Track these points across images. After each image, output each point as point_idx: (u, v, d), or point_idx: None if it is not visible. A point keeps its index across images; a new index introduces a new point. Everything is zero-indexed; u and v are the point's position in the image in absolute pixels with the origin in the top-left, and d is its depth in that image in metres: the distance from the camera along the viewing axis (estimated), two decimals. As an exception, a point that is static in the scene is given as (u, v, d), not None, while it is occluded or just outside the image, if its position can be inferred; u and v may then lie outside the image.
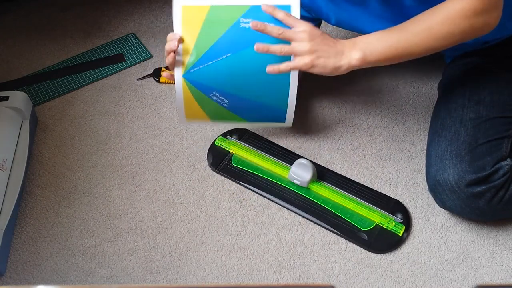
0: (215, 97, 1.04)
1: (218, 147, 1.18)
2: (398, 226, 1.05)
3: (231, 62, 1.00)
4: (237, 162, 1.16)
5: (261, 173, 1.14)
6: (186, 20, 0.99)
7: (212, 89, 1.03)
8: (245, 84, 1.02)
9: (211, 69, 1.00)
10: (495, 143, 1.01)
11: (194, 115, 1.09)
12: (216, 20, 0.98)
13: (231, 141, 1.19)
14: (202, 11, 0.98)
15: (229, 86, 1.02)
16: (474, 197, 0.98)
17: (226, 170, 1.14)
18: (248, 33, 0.97)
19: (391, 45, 0.95)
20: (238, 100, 1.05)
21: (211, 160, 1.16)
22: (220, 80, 1.02)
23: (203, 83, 1.02)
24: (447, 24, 0.92)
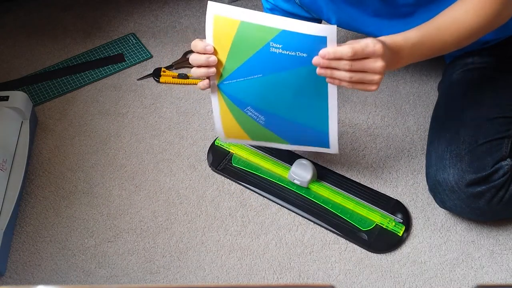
0: (250, 112, 1.01)
1: (218, 147, 1.18)
2: (398, 226, 1.05)
3: (261, 82, 0.96)
4: (237, 162, 1.16)
5: (261, 173, 1.14)
6: (217, 32, 0.94)
7: (246, 104, 1.01)
8: (279, 104, 0.99)
9: (243, 85, 0.97)
10: (495, 143, 1.01)
11: (232, 132, 1.06)
12: (246, 38, 0.93)
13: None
14: (233, 25, 0.92)
15: (262, 103, 0.99)
16: (474, 197, 0.98)
17: (226, 170, 1.14)
18: (279, 58, 0.92)
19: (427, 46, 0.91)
20: (274, 118, 1.01)
21: (211, 160, 1.16)
22: (252, 96, 0.99)
23: (236, 97, 1.00)
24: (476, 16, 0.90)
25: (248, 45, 0.93)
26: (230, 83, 0.98)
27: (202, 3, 1.49)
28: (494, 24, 0.92)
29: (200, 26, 1.44)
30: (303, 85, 0.94)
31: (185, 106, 1.27)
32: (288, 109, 0.99)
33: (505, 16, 0.92)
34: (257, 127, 1.04)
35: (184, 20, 1.46)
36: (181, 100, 1.28)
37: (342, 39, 1.38)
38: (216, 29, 0.93)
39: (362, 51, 0.84)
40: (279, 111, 1.00)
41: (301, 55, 0.89)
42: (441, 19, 0.92)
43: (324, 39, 0.87)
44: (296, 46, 0.89)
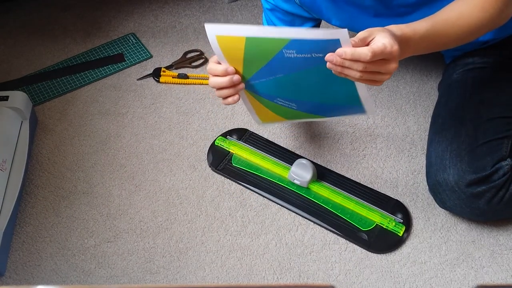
0: (280, 102, 1.00)
1: (218, 147, 1.18)
2: (398, 226, 1.05)
3: (284, 79, 0.94)
4: (237, 162, 1.16)
5: (261, 173, 1.14)
6: (226, 50, 0.92)
7: (274, 97, 0.99)
8: (307, 93, 0.97)
9: (266, 83, 0.96)
10: (495, 143, 1.01)
11: (266, 117, 1.06)
12: (257, 51, 0.90)
13: (231, 141, 1.19)
14: (239, 41, 0.90)
15: (290, 95, 0.98)
16: (474, 197, 0.98)
17: (226, 170, 1.14)
18: (296, 61, 0.89)
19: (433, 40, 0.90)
20: (305, 104, 0.99)
21: (211, 160, 1.16)
22: (279, 91, 0.97)
23: (263, 92, 0.98)
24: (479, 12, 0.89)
25: (261, 55, 0.91)
26: (254, 84, 0.97)
27: (202, 3, 1.49)
28: (497, 22, 0.92)
29: (200, 26, 1.44)
30: (326, 76, 0.90)
31: (185, 106, 1.27)
32: (316, 95, 0.97)
33: (507, 14, 0.92)
34: (290, 111, 1.02)
35: (184, 20, 1.46)
36: (181, 100, 1.28)
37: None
38: (224, 47, 0.92)
39: (381, 53, 0.81)
40: (309, 98, 0.98)
41: (318, 55, 0.87)
42: (447, 13, 0.91)
43: (337, 42, 0.84)
44: (310, 49, 0.87)
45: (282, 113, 1.04)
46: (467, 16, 0.90)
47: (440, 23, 0.90)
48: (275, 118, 1.06)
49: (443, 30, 0.90)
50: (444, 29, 0.90)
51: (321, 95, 0.97)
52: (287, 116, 1.05)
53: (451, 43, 0.92)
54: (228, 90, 0.95)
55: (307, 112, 1.02)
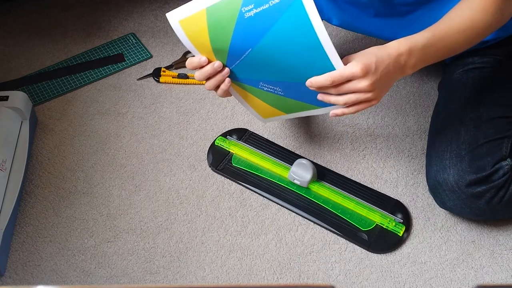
0: (265, 87, 1.00)
1: (218, 147, 1.18)
2: (398, 226, 1.05)
3: (255, 55, 0.94)
4: (237, 162, 1.16)
5: (261, 173, 1.14)
6: (192, 35, 0.94)
7: (257, 80, 0.99)
8: (282, 69, 0.96)
9: (242, 66, 0.96)
10: (495, 143, 1.01)
11: (265, 111, 1.06)
12: (219, 20, 0.92)
13: (231, 141, 1.19)
14: (201, 17, 0.92)
15: (269, 74, 0.98)
16: (474, 197, 0.98)
17: (226, 170, 1.14)
18: (257, 20, 0.90)
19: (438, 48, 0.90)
20: (288, 85, 0.98)
21: (211, 160, 1.16)
22: (257, 71, 0.97)
23: (245, 78, 0.99)
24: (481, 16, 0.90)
25: (224, 25, 0.91)
26: (232, 70, 0.97)
27: (202, 3, 1.49)
28: (500, 21, 0.92)
29: (200, 26, 1.44)
30: (290, 38, 0.90)
31: (185, 106, 1.27)
32: (291, 71, 0.96)
33: (509, 13, 0.92)
34: (280, 100, 1.02)
35: (184, 20, 1.46)
36: (181, 100, 1.28)
37: (343, 39, 1.38)
38: (189, 33, 0.93)
39: (340, 76, 0.86)
40: (287, 77, 0.97)
41: (274, 2, 0.87)
42: (450, 19, 0.91)
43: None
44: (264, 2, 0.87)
45: (275, 104, 1.03)
46: (470, 20, 0.90)
47: (444, 30, 0.90)
48: (273, 112, 1.06)
49: (447, 36, 0.90)
50: (448, 35, 0.90)
51: (295, 68, 0.95)
52: (283, 108, 1.04)
53: (460, 48, 0.92)
54: (215, 78, 0.95)
55: (296, 99, 1.01)
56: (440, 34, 0.89)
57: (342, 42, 1.37)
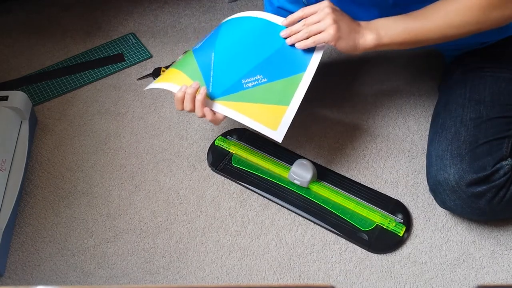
0: (251, 83, 1.01)
1: (218, 147, 1.18)
2: (399, 227, 1.05)
3: (220, 55, 1.01)
4: (237, 162, 1.15)
5: (261, 173, 1.14)
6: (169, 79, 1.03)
7: (239, 82, 1.01)
8: (249, 52, 1.02)
9: (217, 75, 1.00)
10: (495, 143, 1.01)
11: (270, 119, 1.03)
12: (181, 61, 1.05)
13: (231, 141, 1.18)
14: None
15: (243, 66, 1.01)
16: (475, 197, 0.98)
17: (226, 170, 1.14)
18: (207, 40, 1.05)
19: (405, 28, 0.95)
20: (265, 66, 1.02)
21: (211, 160, 1.16)
22: (233, 71, 1.01)
23: (228, 85, 1.01)
24: (463, 13, 0.92)
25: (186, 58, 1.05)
26: (213, 85, 1.01)
27: (202, 3, 1.49)
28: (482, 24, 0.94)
29: (200, 25, 1.44)
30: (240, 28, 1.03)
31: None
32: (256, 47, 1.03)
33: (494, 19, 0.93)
34: (270, 90, 1.01)
35: (184, 20, 1.46)
36: (181, 100, 1.28)
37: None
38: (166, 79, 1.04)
39: (309, 8, 0.96)
40: (256, 56, 1.02)
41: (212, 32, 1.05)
42: (428, 8, 0.95)
43: None
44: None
45: (269, 97, 1.02)
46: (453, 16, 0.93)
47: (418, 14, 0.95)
48: (275, 112, 1.02)
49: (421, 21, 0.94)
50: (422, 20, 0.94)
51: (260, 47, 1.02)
52: (278, 98, 1.02)
53: (433, 36, 0.95)
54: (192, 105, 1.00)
55: (280, 78, 1.02)
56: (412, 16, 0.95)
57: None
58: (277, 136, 1.00)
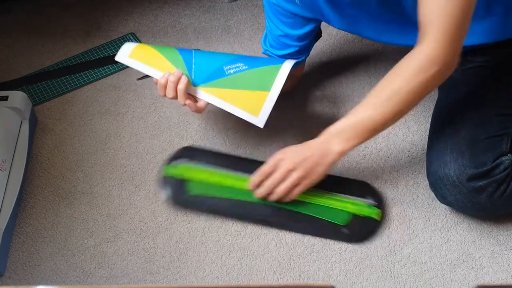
0: (232, 70, 1.03)
1: (169, 178, 1.08)
2: (373, 210, 1.05)
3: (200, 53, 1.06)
4: (195, 188, 1.06)
5: (224, 193, 1.05)
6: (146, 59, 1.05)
7: (221, 68, 1.04)
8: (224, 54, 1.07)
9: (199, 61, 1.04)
10: (495, 140, 1.01)
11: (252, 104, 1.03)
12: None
13: (181, 166, 1.09)
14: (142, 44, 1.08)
15: (223, 56, 1.05)
16: (476, 192, 0.98)
17: (187, 203, 1.06)
18: None
19: (363, 126, 0.95)
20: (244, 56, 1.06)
21: (166, 196, 1.06)
22: (213, 58, 1.05)
23: (210, 71, 1.03)
24: (407, 85, 0.92)
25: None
26: (195, 71, 1.03)
27: (202, 3, 1.49)
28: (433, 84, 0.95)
29: (200, 25, 1.44)
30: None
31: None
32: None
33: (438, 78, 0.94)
34: (250, 76, 1.03)
35: (184, 20, 1.45)
36: (181, 100, 1.28)
37: (343, 38, 1.38)
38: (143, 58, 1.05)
39: (267, 168, 0.99)
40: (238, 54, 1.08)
41: None
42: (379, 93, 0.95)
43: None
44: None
45: (249, 83, 1.03)
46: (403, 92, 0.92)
47: (368, 105, 0.95)
48: (257, 97, 1.03)
49: (374, 113, 0.94)
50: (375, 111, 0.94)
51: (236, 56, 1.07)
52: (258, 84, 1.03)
53: (393, 119, 0.96)
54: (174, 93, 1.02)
55: (259, 65, 1.05)
56: (364, 114, 0.95)
57: (342, 42, 1.37)
58: (259, 122, 1.02)
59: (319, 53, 1.35)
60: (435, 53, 0.89)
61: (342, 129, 0.96)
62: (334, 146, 0.96)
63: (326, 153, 0.97)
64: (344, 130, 0.96)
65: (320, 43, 1.34)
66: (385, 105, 0.93)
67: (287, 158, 0.98)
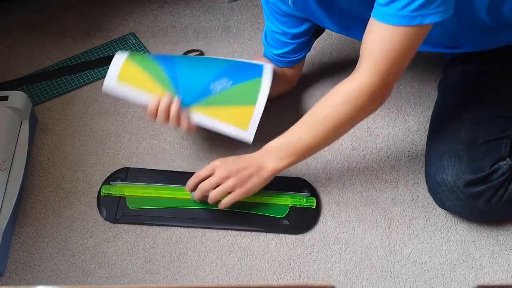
0: (219, 87, 1.05)
1: (106, 197, 1.09)
2: (309, 200, 1.07)
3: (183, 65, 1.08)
4: (133, 203, 1.08)
5: (162, 204, 1.08)
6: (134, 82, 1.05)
7: (207, 86, 1.05)
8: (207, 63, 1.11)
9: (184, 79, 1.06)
10: (494, 143, 1.01)
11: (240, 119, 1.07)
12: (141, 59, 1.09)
13: (118, 186, 1.10)
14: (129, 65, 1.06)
15: (208, 70, 1.07)
16: (473, 197, 0.98)
17: (126, 217, 1.07)
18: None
19: (295, 147, 0.98)
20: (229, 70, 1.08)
21: (105, 213, 1.07)
22: (199, 77, 1.06)
23: (197, 91, 1.05)
24: (336, 112, 0.95)
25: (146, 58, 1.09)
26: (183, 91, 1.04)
27: (202, 3, 1.49)
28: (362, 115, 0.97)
29: (200, 25, 1.44)
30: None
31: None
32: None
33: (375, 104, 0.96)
34: (236, 92, 1.06)
35: (184, 20, 1.46)
36: (181, 100, 1.28)
37: (342, 39, 1.38)
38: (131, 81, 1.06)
39: (203, 173, 1.02)
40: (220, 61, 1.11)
41: None
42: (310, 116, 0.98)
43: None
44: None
45: (236, 99, 1.06)
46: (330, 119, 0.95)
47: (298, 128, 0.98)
48: (244, 112, 1.06)
49: (304, 135, 0.98)
50: (305, 134, 0.98)
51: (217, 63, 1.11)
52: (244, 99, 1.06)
53: (322, 143, 0.99)
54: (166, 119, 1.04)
55: (243, 80, 1.07)
56: (295, 136, 0.98)
57: (342, 41, 1.37)
58: (248, 136, 1.06)
59: (319, 53, 1.35)
60: (365, 84, 0.91)
61: (276, 148, 0.99)
62: (268, 163, 0.99)
63: (261, 168, 0.99)
64: (278, 148, 0.99)
65: (320, 43, 1.34)
66: (314, 130, 0.97)
67: (223, 166, 1.00)
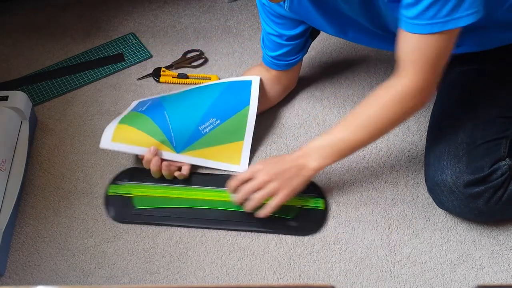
0: (207, 128, 1.10)
1: (113, 197, 1.10)
2: (318, 201, 1.07)
3: (172, 105, 1.11)
4: (141, 203, 1.08)
5: (172, 204, 1.08)
6: (130, 140, 1.08)
7: (197, 130, 1.09)
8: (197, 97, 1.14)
9: (176, 126, 1.09)
10: (493, 144, 1.01)
11: (232, 155, 1.12)
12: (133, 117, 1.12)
13: (125, 185, 1.11)
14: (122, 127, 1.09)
15: (196, 113, 1.10)
16: (473, 198, 0.98)
17: (133, 217, 1.07)
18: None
19: (339, 146, 0.99)
20: (214, 108, 1.11)
21: (113, 213, 1.08)
22: (188, 120, 1.10)
23: (188, 136, 1.09)
24: (383, 112, 0.96)
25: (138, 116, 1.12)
26: (175, 139, 1.08)
27: (202, 3, 1.49)
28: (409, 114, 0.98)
29: (200, 25, 1.44)
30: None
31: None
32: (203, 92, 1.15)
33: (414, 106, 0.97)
34: (225, 130, 1.11)
35: (184, 20, 1.46)
36: (181, 100, 1.28)
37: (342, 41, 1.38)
38: (126, 139, 1.08)
39: (245, 176, 1.01)
40: (204, 101, 1.12)
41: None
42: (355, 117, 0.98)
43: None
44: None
45: (226, 137, 1.12)
46: (374, 119, 0.96)
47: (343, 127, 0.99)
48: (234, 148, 1.12)
49: (348, 133, 0.98)
50: (350, 133, 0.98)
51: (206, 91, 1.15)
52: (233, 135, 1.12)
53: (366, 141, 1.00)
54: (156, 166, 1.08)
55: (230, 116, 1.11)
56: (339, 135, 0.98)
57: (342, 42, 1.37)
58: (242, 170, 1.11)
59: (319, 53, 1.35)
60: (412, 86, 0.93)
61: (320, 147, 0.99)
62: (311, 162, 0.99)
63: (303, 167, 0.99)
64: (322, 147, 0.99)
65: (320, 43, 1.34)
66: (359, 130, 0.97)
67: (265, 169, 1.00)
